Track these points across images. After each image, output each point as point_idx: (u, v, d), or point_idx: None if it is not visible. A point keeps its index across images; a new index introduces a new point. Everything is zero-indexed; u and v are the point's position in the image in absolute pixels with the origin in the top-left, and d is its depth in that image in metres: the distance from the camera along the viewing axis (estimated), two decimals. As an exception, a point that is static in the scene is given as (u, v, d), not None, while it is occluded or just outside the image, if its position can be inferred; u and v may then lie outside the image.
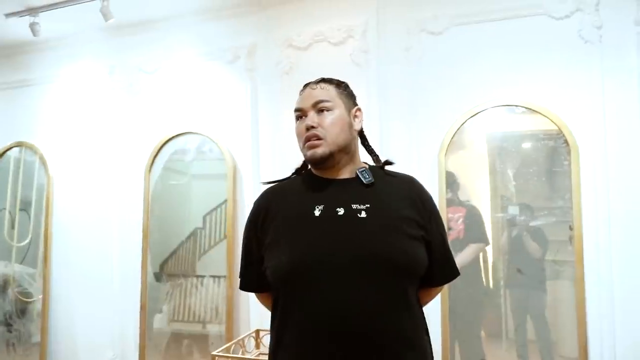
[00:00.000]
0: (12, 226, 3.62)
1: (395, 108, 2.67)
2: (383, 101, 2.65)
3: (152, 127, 3.25)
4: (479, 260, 2.57)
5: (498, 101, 2.49)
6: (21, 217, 3.60)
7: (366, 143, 1.39)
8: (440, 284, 1.32)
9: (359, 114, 1.32)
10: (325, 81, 1.29)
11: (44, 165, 3.53)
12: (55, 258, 3.47)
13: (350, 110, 1.29)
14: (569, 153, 2.37)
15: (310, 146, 1.22)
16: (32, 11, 3.05)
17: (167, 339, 3.17)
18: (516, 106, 2.48)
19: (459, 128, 2.54)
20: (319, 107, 1.24)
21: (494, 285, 2.57)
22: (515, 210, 2.50)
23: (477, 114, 2.52)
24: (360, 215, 1.17)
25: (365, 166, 1.31)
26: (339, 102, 1.26)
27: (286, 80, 2.80)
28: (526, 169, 2.50)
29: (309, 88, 1.29)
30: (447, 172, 2.56)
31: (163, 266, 3.21)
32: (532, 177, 2.49)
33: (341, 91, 1.29)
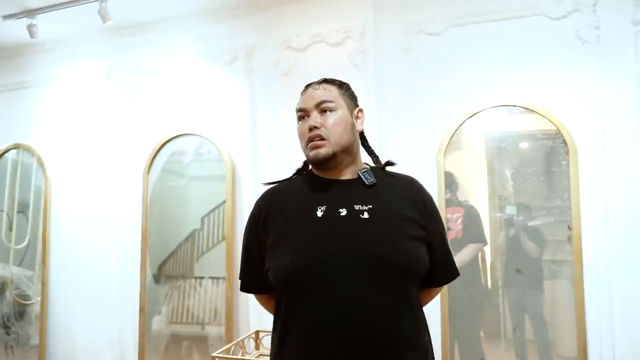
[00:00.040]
0: (9, 228, 3.61)
1: (394, 109, 2.67)
2: (381, 102, 2.65)
3: (151, 129, 3.25)
4: (478, 260, 2.57)
5: (496, 101, 2.50)
6: (19, 219, 3.59)
7: (366, 144, 1.38)
8: (441, 284, 1.32)
9: (361, 114, 1.31)
10: (327, 82, 1.29)
11: (41, 167, 3.52)
12: (53, 260, 3.46)
13: (352, 111, 1.29)
14: (567, 153, 2.38)
15: (314, 146, 1.22)
16: (29, 13, 3.04)
17: (166, 340, 3.16)
18: (514, 106, 2.49)
19: (457, 128, 2.55)
20: (322, 107, 1.24)
21: (492, 285, 2.57)
22: (512, 210, 2.51)
23: (475, 114, 2.53)
24: (362, 216, 1.17)
25: (366, 167, 1.30)
26: (341, 103, 1.26)
27: (284, 82, 2.80)
28: (525, 169, 2.50)
29: (311, 88, 1.28)
30: (445, 173, 2.57)
31: (161, 268, 3.20)
32: (531, 177, 2.49)
33: (343, 92, 1.29)
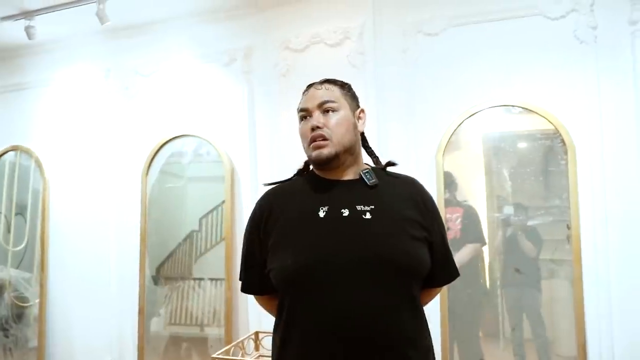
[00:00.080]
0: (7, 230, 3.59)
1: (393, 109, 2.67)
2: (380, 102, 2.65)
3: (149, 130, 3.24)
4: (477, 260, 2.58)
5: (495, 101, 2.51)
6: (17, 222, 3.58)
7: (366, 144, 1.38)
8: (441, 284, 1.32)
9: (363, 115, 1.31)
10: (329, 82, 1.29)
11: (39, 169, 3.51)
12: (52, 262, 3.45)
13: (354, 111, 1.29)
14: (565, 152, 2.38)
15: (316, 146, 1.21)
16: (27, 14, 3.03)
17: (165, 342, 3.15)
18: (513, 106, 2.50)
19: (456, 129, 2.55)
20: (324, 107, 1.23)
21: (490, 285, 2.58)
22: (510, 210, 2.51)
23: (474, 114, 2.53)
24: (365, 216, 1.17)
25: (368, 167, 1.30)
26: (344, 103, 1.26)
27: (283, 82, 2.80)
28: (523, 169, 2.51)
29: (314, 88, 1.28)
30: (444, 173, 2.57)
31: (160, 269, 3.19)
32: (530, 176, 2.50)
33: (345, 92, 1.29)
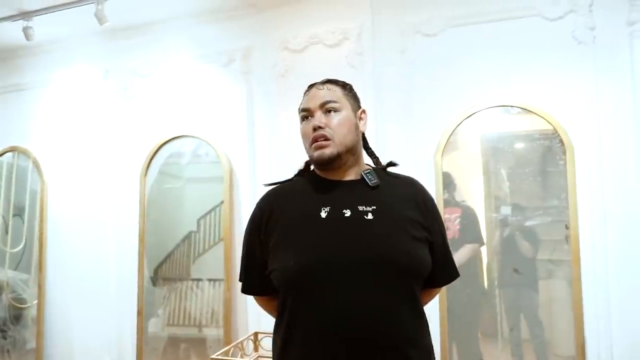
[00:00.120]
0: (5, 232, 3.58)
1: (391, 110, 2.68)
2: (379, 103, 2.66)
3: (148, 131, 3.24)
4: (476, 261, 2.58)
5: (493, 102, 2.51)
6: (15, 223, 3.57)
7: (367, 145, 1.38)
8: (441, 284, 1.33)
9: (364, 115, 1.31)
10: (331, 82, 1.29)
11: (37, 170, 3.50)
12: (50, 263, 3.44)
13: (356, 112, 1.29)
14: (564, 153, 2.39)
15: (318, 147, 1.21)
16: (25, 15, 3.03)
17: (164, 343, 3.15)
18: (511, 107, 2.50)
19: (454, 129, 2.55)
20: (326, 107, 1.23)
21: (488, 285, 2.58)
22: (508, 210, 2.52)
23: (472, 114, 2.53)
24: (366, 217, 1.17)
25: (369, 168, 1.30)
26: (345, 103, 1.26)
27: (282, 83, 2.81)
28: (522, 169, 2.51)
29: (315, 88, 1.28)
30: (443, 173, 2.57)
31: (158, 270, 3.19)
32: (528, 176, 2.50)
33: (347, 92, 1.29)
